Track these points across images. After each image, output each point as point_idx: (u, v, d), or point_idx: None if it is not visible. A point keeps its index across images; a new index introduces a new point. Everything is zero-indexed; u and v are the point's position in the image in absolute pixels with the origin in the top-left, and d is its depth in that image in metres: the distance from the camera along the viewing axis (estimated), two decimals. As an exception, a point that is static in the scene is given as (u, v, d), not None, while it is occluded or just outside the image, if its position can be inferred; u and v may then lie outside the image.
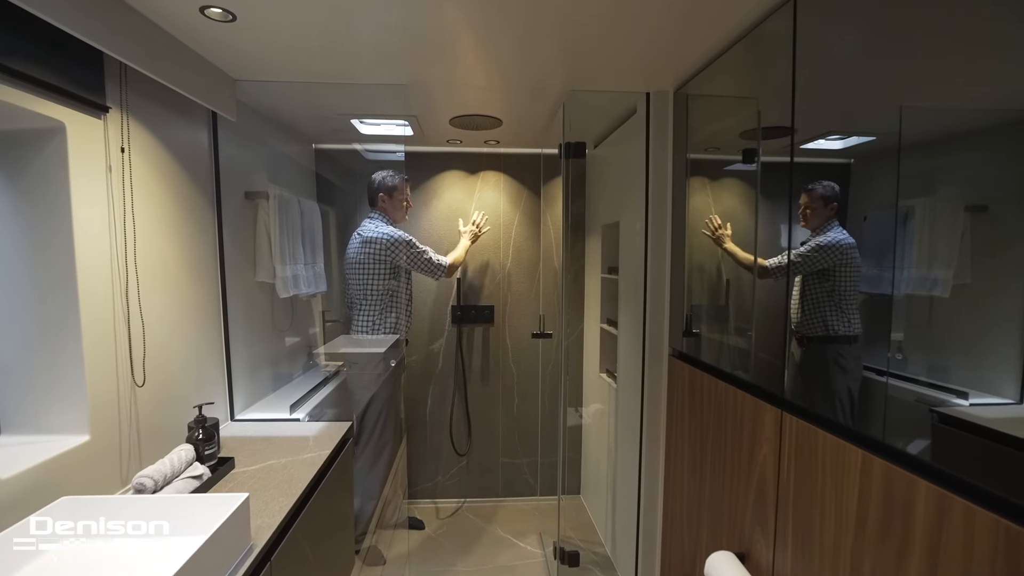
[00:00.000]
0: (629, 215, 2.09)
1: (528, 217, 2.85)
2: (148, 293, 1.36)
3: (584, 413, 2.92)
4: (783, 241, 1.40)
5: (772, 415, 1.21)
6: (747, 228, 1.61)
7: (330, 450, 1.57)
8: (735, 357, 1.51)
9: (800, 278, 1.27)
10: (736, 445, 1.37)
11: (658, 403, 1.89)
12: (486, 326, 2.88)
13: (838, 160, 1.15)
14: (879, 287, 0.98)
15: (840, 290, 1.15)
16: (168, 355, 1.45)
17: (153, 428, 1.37)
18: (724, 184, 1.72)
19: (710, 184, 1.74)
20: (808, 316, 1.20)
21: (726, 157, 1.69)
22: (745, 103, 1.56)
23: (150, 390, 1.35)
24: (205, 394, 1.64)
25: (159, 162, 1.44)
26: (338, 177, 2.77)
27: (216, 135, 1.74)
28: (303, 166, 2.56)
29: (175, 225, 1.51)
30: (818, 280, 1.20)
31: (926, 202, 0.89)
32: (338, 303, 2.63)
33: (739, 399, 1.36)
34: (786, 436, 1.15)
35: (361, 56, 1.57)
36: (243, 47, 1.47)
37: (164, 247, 1.45)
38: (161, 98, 1.45)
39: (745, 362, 1.44)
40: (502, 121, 2.25)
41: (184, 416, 1.41)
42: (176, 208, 1.52)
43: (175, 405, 1.46)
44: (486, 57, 1.56)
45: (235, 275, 1.85)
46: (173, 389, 1.47)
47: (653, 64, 1.63)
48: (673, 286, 1.84)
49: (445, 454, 2.91)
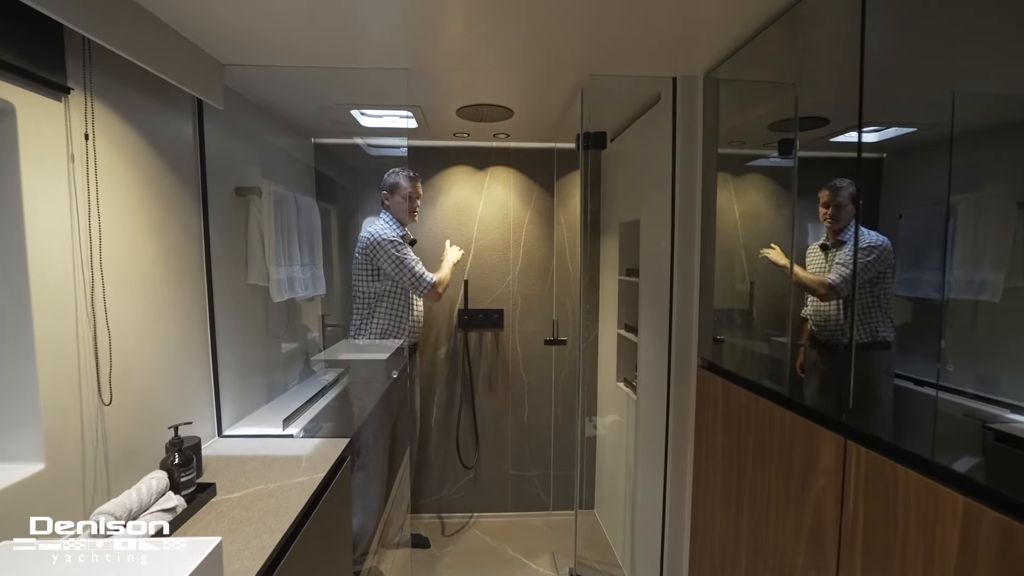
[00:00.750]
0: (651, 213, 1.92)
1: (540, 215, 2.68)
2: (118, 299, 1.21)
3: (599, 424, 2.75)
4: (809, 240, 1.26)
5: (831, 442, 1.04)
6: (770, 228, 1.46)
7: (324, 472, 1.41)
8: (771, 368, 1.34)
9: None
10: (783, 474, 1.20)
11: (685, 419, 1.72)
12: (495, 331, 2.72)
13: (869, 155, 1.03)
14: (917, 290, 0.91)
15: (886, 295, 1.02)
16: (142, 368, 1.30)
17: (124, 452, 1.22)
18: (748, 181, 1.57)
19: (733, 180, 1.58)
20: (861, 324, 1.05)
21: (751, 151, 1.53)
22: (779, 90, 1.40)
23: (119, 409, 1.20)
24: (187, 409, 1.49)
25: (134, 152, 1.29)
26: (339, 173, 2.62)
27: (202, 124, 1.59)
28: (301, 161, 2.41)
29: (153, 223, 1.36)
30: (868, 286, 1.06)
31: (972, 198, 0.81)
32: (339, 307, 2.48)
33: (787, 421, 1.19)
34: (851, 468, 0.98)
35: (359, 37, 1.41)
36: (229, 25, 1.32)
37: (139, 247, 1.30)
38: (137, 81, 1.30)
39: (780, 373, 1.27)
40: (513, 112, 2.08)
41: (162, 436, 1.25)
42: (154, 204, 1.37)
43: (151, 424, 1.31)
44: (496, 36, 1.40)
45: (224, 277, 1.70)
46: (148, 406, 1.32)
47: (683, 44, 1.46)
48: (702, 291, 1.67)
49: (451, 466, 2.75)
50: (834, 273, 1.15)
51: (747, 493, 1.35)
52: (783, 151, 1.38)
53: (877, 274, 1.03)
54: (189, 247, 1.54)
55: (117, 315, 1.19)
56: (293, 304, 2.23)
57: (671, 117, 1.69)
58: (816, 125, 1.26)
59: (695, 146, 1.66)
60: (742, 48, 1.43)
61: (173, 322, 1.45)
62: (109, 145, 1.19)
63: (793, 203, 1.31)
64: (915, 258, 0.92)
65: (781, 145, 1.38)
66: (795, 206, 1.30)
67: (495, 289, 2.68)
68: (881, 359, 1.02)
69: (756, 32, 1.35)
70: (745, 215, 1.56)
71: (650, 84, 1.77)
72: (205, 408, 1.61)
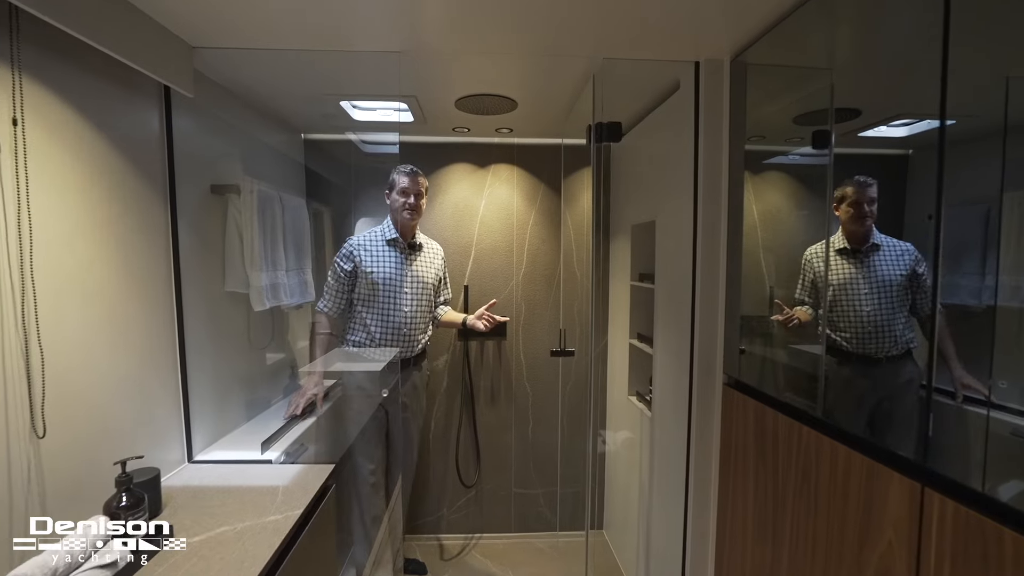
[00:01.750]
0: (669, 214, 1.74)
1: (545, 216, 2.51)
2: (58, 313, 1.04)
3: (609, 439, 2.57)
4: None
5: (903, 489, 0.86)
6: (791, 231, 1.30)
7: (302, 508, 1.24)
8: (805, 386, 1.17)
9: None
10: (836, 520, 1.02)
11: (709, 442, 1.54)
12: (497, 340, 2.54)
13: (891, 151, 0.95)
14: (954, 297, 0.81)
15: (921, 304, 0.91)
16: (89, 392, 1.13)
17: (64, 493, 1.04)
18: (767, 179, 1.41)
19: (751, 178, 1.42)
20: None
21: (773, 148, 1.38)
22: (812, 77, 1.23)
23: (57, 442, 1.02)
24: (148, 435, 1.32)
25: (80, 142, 1.12)
26: (332, 172, 2.45)
27: (169, 114, 1.43)
28: (289, 158, 2.24)
29: (105, 224, 1.19)
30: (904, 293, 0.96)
31: (1017, 196, 0.73)
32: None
33: (839, 456, 1.01)
34: (932, 524, 0.80)
35: (344, 16, 1.24)
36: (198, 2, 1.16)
37: (86, 253, 1.13)
38: (88, 60, 1.13)
39: (813, 391, 1.09)
40: (516, 103, 1.91)
41: (114, 471, 1.08)
42: (107, 202, 1.20)
43: (99, 457, 1.13)
44: (496, 13, 1.23)
45: (197, 285, 1.54)
46: (96, 437, 1.14)
47: (708, 23, 1.29)
48: (728, 301, 1.49)
49: (451, 484, 2.57)
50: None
51: (787, 534, 1.17)
52: (816, 144, 1.21)
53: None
54: (154, 252, 1.37)
55: (57, 332, 1.03)
56: (279, 312, 2.06)
57: (693, 107, 1.52)
58: (847, 117, 1.11)
59: (721, 138, 1.49)
60: (776, 26, 1.26)
61: (131, 337, 1.28)
62: (47, 133, 1.03)
63: (828, 203, 1.14)
64: (950, 262, 0.80)
65: (815, 138, 1.21)
66: (830, 207, 1.13)
67: (497, 295, 2.51)
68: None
69: (794, 5, 1.18)
70: (765, 216, 1.40)
71: (667, 70, 1.60)
72: (172, 431, 1.44)
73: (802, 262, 1.22)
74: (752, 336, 1.41)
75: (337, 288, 1.99)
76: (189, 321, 1.49)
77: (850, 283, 1.07)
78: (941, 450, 0.82)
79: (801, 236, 1.24)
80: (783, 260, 1.34)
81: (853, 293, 1.06)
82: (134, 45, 1.18)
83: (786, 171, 1.35)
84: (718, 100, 1.48)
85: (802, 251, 1.22)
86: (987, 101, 0.78)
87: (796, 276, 1.24)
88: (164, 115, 1.42)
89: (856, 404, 1.05)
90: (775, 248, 1.36)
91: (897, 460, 0.89)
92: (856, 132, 1.08)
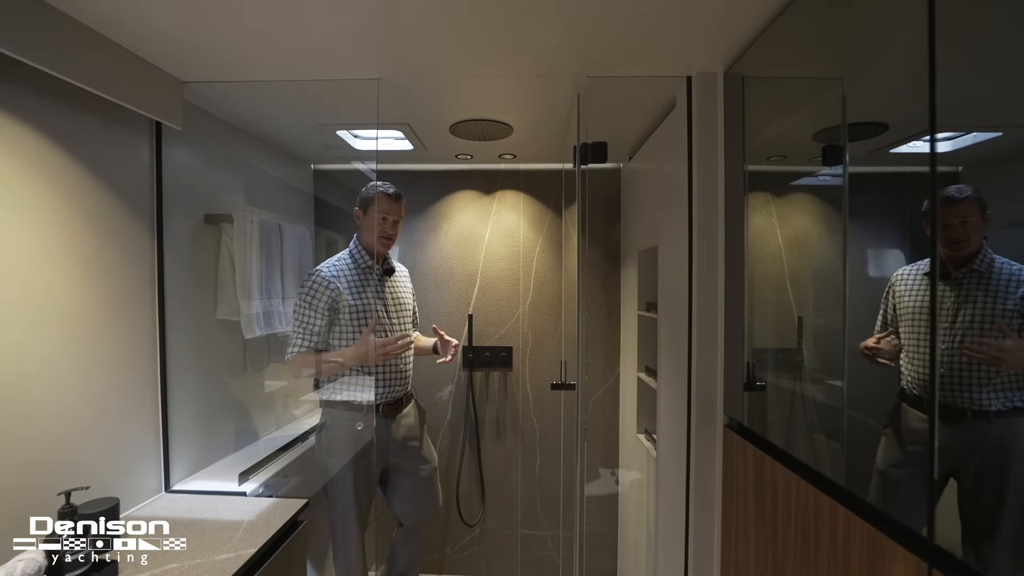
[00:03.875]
0: (669, 237, 1.63)
1: (552, 243, 2.43)
2: (16, 339, 1.05)
3: (621, 480, 2.40)
4: (870, 270, 0.96)
5: (908, 567, 0.70)
6: (822, 256, 1.14)
7: (257, 547, 1.18)
8: (823, 439, 1.01)
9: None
10: (837, 596, 0.86)
11: (710, 490, 1.38)
12: (503, 371, 2.45)
13: (942, 168, 0.79)
14: None
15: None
16: (46, 417, 1.13)
17: (10, 526, 1.03)
18: (792, 201, 1.27)
19: (774, 201, 1.29)
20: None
21: (793, 168, 1.24)
22: (822, 88, 1.11)
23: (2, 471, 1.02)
24: (119, 462, 1.32)
25: (56, 171, 1.16)
26: (342, 200, 2.48)
27: (160, 146, 1.47)
28: (296, 188, 2.29)
29: (80, 252, 1.22)
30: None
31: None
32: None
33: (839, 519, 0.86)
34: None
35: (320, 43, 1.25)
36: (185, 41, 1.19)
37: (54, 280, 1.15)
38: (68, 95, 1.18)
39: (834, 452, 0.93)
40: (512, 128, 1.87)
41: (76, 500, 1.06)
42: (84, 230, 1.23)
43: (54, 484, 1.11)
44: (476, 35, 1.20)
45: (184, 313, 1.55)
46: (47, 463, 1.13)
47: (696, 34, 1.21)
48: (728, 332, 1.35)
49: (454, 522, 2.46)
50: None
51: (788, 609, 1.01)
52: (828, 160, 1.08)
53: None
54: (137, 280, 1.39)
55: (17, 355, 1.03)
56: (276, 341, 2.07)
57: (686, 124, 1.42)
58: (871, 133, 0.98)
59: (716, 155, 1.38)
60: (768, 29, 1.16)
61: (106, 364, 1.28)
62: (17, 160, 1.06)
63: (844, 226, 1.00)
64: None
65: (825, 154, 1.09)
66: (847, 230, 0.99)
67: (503, 324, 2.43)
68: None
69: (785, 3, 1.08)
70: (792, 241, 1.26)
71: (662, 87, 1.52)
72: (148, 459, 1.43)
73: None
74: (779, 372, 1.23)
75: (310, 326, 1.68)
76: (174, 350, 1.50)
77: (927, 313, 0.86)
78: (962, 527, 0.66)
79: (831, 264, 1.08)
80: (812, 288, 1.18)
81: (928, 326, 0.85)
82: (122, 83, 1.23)
83: (812, 192, 1.23)
84: (712, 116, 1.38)
85: (835, 278, 1.05)
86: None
87: (827, 305, 1.08)
88: (155, 146, 1.47)
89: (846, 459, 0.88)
90: (803, 275, 1.20)
91: (902, 532, 0.73)
92: (886, 149, 0.95)
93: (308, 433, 1.99)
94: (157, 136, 1.47)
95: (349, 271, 1.78)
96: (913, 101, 0.80)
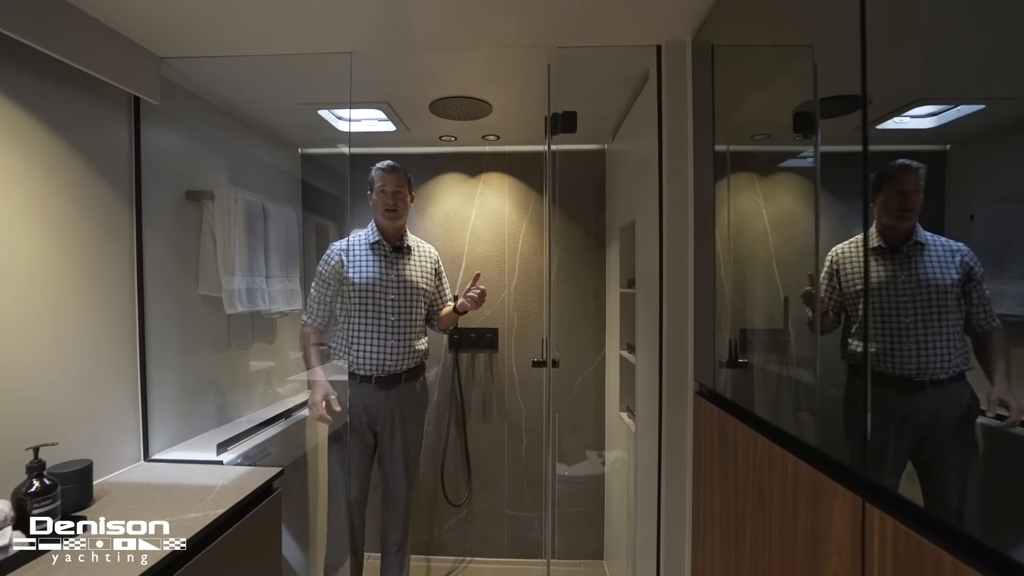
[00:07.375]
0: (645, 212, 1.63)
1: (537, 225, 2.44)
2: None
3: (607, 461, 2.41)
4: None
5: (845, 504, 0.71)
6: (808, 236, 1.12)
7: (227, 507, 1.20)
8: (794, 397, 1.00)
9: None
10: (787, 543, 0.86)
11: (682, 457, 1.39)
12: (488, 352, 2.46)
13: (926, 147, 0.78)
14: (1000, 306, 0.67)
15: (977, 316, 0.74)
16: (16, 379, 1.15)
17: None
18: (778, 181, 1.25)
19: (759, 181, 1.27)
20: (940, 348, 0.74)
21: (777, 148, 1.21)
22: (795, 57, 1.09)
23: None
24: (94, 429, 1.34)
25: (29, 140, 1.18)
26: (329, 184, 2.50)
27: (138, 121, 1.49)
28: (282, 170, 2.31)
29: (55, 222, 1.24)
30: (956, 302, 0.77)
31: None
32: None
33: (788, 467, 0.86)
34: (873, 545, 0.65)
35: (290, 14, 1.26)
36: (155, 13, 1.21)
37: (29, 247, 1.17)
38: (44, 68, 1.20)
39: (807, 407, 0.93)
40: (491, 106, 1.88)
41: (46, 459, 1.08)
42: (63, 205, 1.25)
43: (22, 443, 1.13)
44: (443, 6, 1.21)
45: (164, 287, 1.57)
46: (18, 422, 1.15)
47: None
48: (698, 302, 1.35)
49: (441, 502, 2.48)
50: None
51: (747, 562, 1.01)
52: (799, 129, 1.07)
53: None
54: (116, 252, 1.42)
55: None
56: (261, 319, 2.09)
57: (655, 95, 1.43)
58: (850, 108, 0.94)
59: (684, 127, 1.38)
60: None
61: (81, 332, 1.31)
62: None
63: (816, 203, 0.97)
64: (995, 267, 0.67)
65: (796, 121, 1.08)
66: (818, 207, 0.97)
67: (488, 306, 2.44)
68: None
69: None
70: (778, 221, 1.24)
71: (637, 59, 1.52)
72: (127, 429, 1.45)
73: (825, 264, 1.00)
74: (765, 353, 1.22)
75: (319, 298, 1.86)
76: (152, 321, 1.52)
77: (884, 288, 0.86)
78: (881, 458, 0.67)
79: (814, 241, 1.07)
80: (797, 268, 1.16)
81: (888, 300, 0.85)
82: (98, 56, 1.25)
83: (796, 172, 1.21)
84: (681, 86, 1.39)
85: (815, 258, 1.04)
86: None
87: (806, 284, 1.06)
88: (133, 121, 1.49)
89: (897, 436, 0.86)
90: (789, 256, 1.18)
91: (838, 469, 0.74)
92: (871, 125, 0.91)
93: (292, 410, 2.01)
94: (136, 111, 1.49)
95: (359, 245, 1.88)
96: (894, 72, 0.78)
